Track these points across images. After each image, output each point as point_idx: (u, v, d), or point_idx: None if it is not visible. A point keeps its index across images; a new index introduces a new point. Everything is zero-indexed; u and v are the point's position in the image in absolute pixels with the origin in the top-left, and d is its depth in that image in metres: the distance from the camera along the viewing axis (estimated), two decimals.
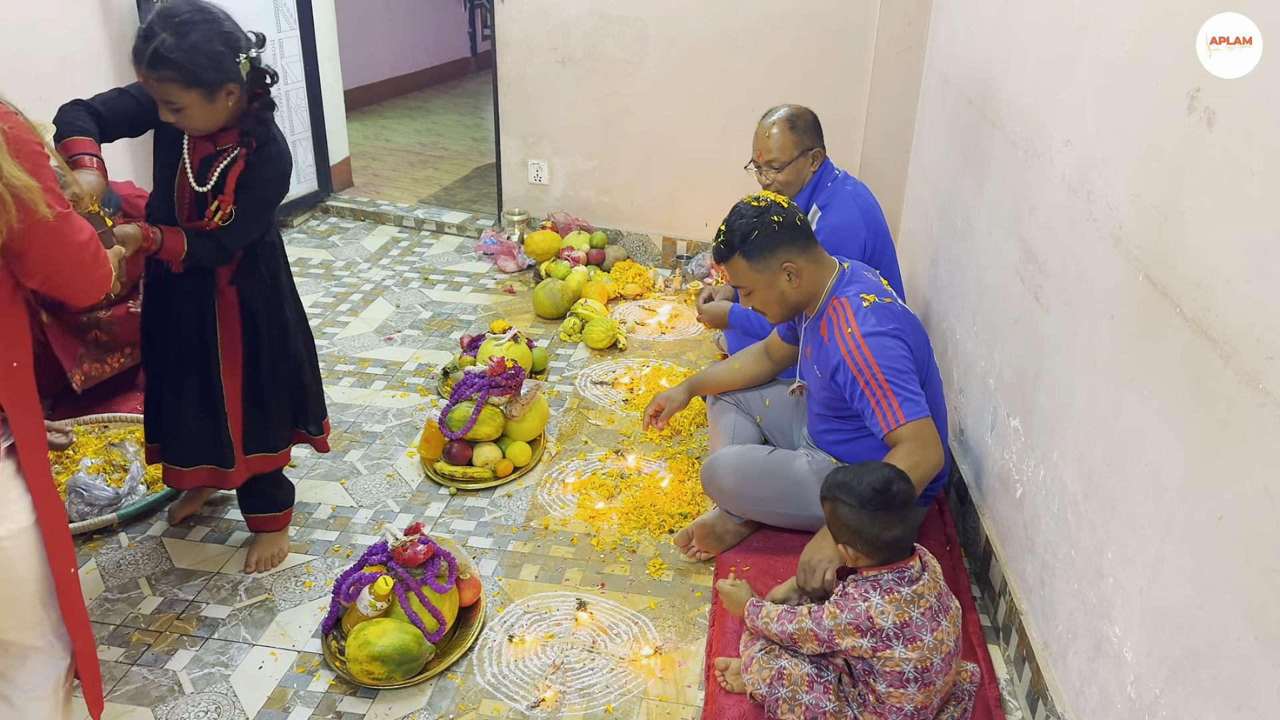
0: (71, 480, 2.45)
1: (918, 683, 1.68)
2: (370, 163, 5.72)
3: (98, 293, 1.47)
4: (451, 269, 4.28)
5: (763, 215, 2.10)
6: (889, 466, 1.78)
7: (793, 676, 1.78)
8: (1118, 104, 1.68)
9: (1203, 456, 1.33)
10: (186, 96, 1.84)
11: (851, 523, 1.70)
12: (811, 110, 2.82)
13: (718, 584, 2.01)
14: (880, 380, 1.99)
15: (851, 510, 1.70)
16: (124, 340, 2.93)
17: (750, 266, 2.11)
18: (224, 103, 1.89)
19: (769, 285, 2.13)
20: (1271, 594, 1.15)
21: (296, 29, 4.52)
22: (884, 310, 2.08)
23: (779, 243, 2.10)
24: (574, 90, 4.21)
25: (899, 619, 1.67)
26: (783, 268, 2.11)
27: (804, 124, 2.77)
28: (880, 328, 2.03)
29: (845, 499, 1.72)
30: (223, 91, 1.87)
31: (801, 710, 1.76)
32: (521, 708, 1.94)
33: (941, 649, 1.69)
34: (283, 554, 2.35)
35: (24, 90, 3.14)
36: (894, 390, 1.98)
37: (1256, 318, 1.20)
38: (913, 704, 1.70)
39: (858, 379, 2.01)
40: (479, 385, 2.74)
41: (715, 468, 2.31)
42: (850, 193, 2.74)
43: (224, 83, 1.86)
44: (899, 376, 1.99)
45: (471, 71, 8.53)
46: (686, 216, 4.30)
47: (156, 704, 1.93)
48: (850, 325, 2.05)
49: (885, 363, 2.00)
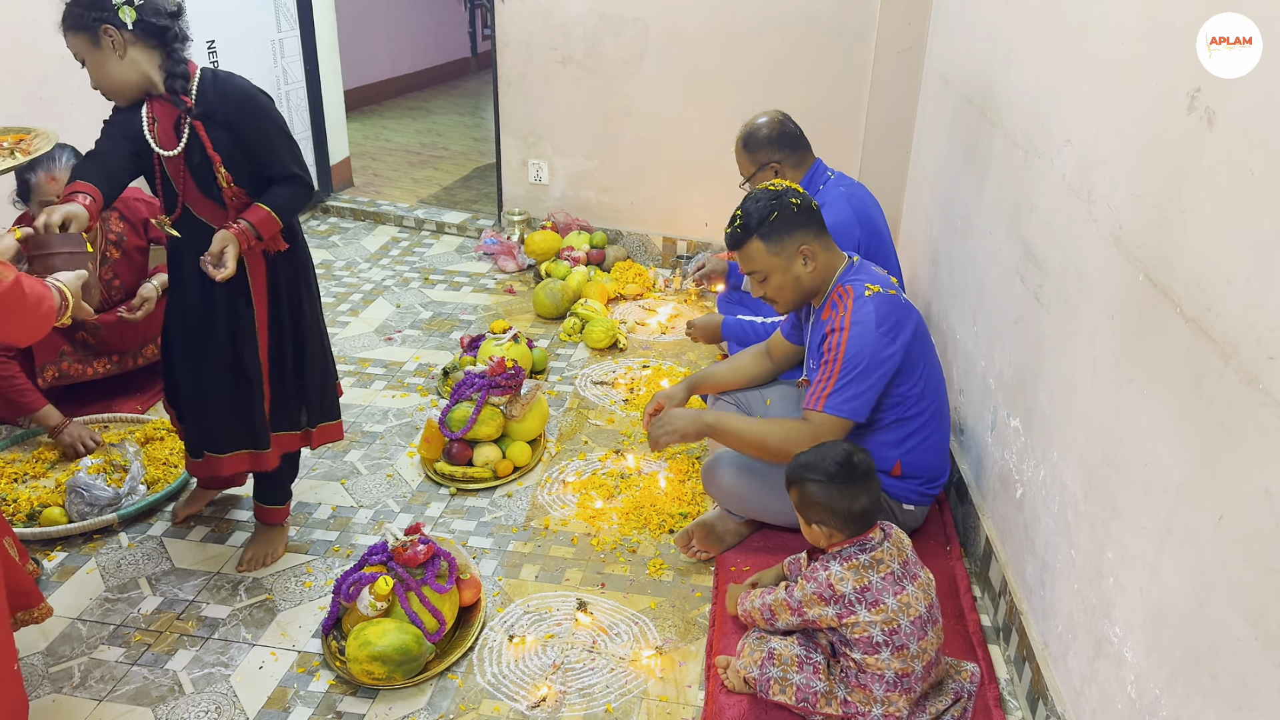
0: (71, 480, 2.45)
1: (889, 646, 1.73)
2: (370, 163, 5.72)
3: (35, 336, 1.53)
4: (451, 269, 4.28)
5: (780, 197, 2.13)
6: (845, 442, 1.88)
7: (783, 657, 1.84)
8: (1118, 104, 1.68)
9: (1203, 456, 1.33)
10: (77, 43, 1.90)
11: (822, 499, 1.77)
12: (782, 118, 2.81)
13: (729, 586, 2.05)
14: (836, 364, 2.07)
15: (820, 487, 1.77)
16: (111, 347, 2.91)
17: (768, 249, 2.12)
18: (111, 52, 1.90)
19: (785, 269, 2.14)
20: (1271, 594, 1.15)
21: (296, 29, 4.53)
22: (885, 302, 2.09)
23: (796, 225, 2.12)
24: (574, 90, 4.21)
25: (858, 584, 1.74)
26: (799, 250, 2.13)
27: (757, 140, 2.79)
28: (869, 322, 2.06)
29: (812, 476, 1.79)
30: (105, 37, 1.88)
31: (793, 691, 1.81)
32: (521, 708, 1.94)
33: (908, 612, 1.74)
34: (277, 554, 2.35)
35: (24, 90, 3.14)
36: (839, 379, 2.06)
37: (1256, 318, 1.20)
38: (891, 670, 1.73)
39: (825, 354, 2.09)
40: (479, 385, 2.74)
41: (715, 467, 2.31)
42: (844, 193, 2.75)
43: (99, 23, 1.87)
44: (853, 371, 2.05)
45: (471, 71, 8.53)
46: (686, 216, 4.30)
47: (156, 704, 1.93)
48: (848, 309, 2.09)
49: (851, 353, 2.06)
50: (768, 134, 2.78)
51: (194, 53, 2.05)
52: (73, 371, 2.85)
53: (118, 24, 1.88)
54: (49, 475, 2.65)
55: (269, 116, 2.03)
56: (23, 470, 2.64)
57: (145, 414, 2.98)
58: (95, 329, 2.85)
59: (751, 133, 2.80)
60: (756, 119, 2.83)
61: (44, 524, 2.40)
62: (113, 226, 2.90)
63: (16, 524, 2.40)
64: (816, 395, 2.09)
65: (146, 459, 2.67)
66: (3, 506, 2.46)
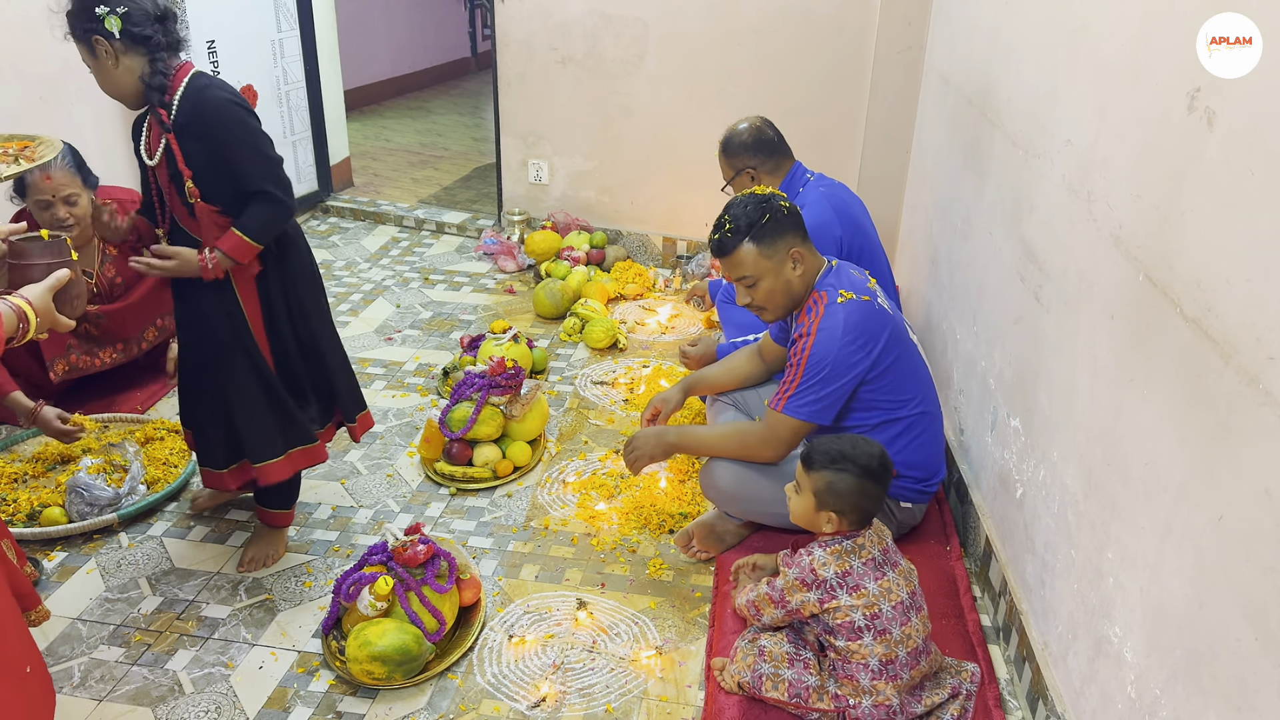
0: (71, 480, 2.45)
1: (871, 630, 1.74)
2: (370, 163, 5.72)
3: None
4: (451, 269, 4.28)
5: (770, 201, 2.15)
6: (867, 439, 1.87)
7: (773, 654, 1.86)
8: (1118, 104, 1.68)
9: (1203, 456, 1.33)
10: (80, 52, 1.94)
11: (852, 491, 1.78)
12: (760, 124, 2.83)
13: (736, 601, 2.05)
14: (800, 368, 2.11)
15: (853, 480, 1.78)
16: (115, 335, 2.93)
17: (760, 252, 2.12)
18: (105, 60, 1.92)
19: (776, 273, 2.14)
20: (1271, 594, 1.15)
21: (296, 29, 4.53)
22: (856, 309, 2.11)
23: (787, 228, 2.14)
24: (574, 90, 4.20)
25: (840, 569, 1.77)
26: (790, 254, 2.14)
27: (735, 145, 2.82)
28: (836, 329, 2.08)
29: (848, 468, 1.79)
30: (99, 46, 1.90)
31: (785, 686, 1.82)
32: (521, 708, 1.94)
33: (889, 597, 1.76)
34: (277, 556, 2.35)
35: (24, 90, 3.14)
36: (801, 382, 2.11)
37: (1256, 318, 1.20)
38: (876, 658, 1.74)
39: (792, 357, 2.13)
40: (479, 385, 2.74)
41: (714, 469, 2.31)
42: (824, 193, 2.76)
43: (89, 34, 1.89)
44: (815, 376, 2.09)
45: (471, 71, 8.53)
46: (686, 216, 4.30)
47: (156, 704, 1.93)
48: (819, 315, 2.12)
49: (815, 358, 2.09)
50: (745, 140, 2.81)
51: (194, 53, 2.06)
52: (81, 364, 2.87)
53: (105, 34, 1.89)
54: (49, 476, 2.65)
55: (242, 131, 1.98)
56: (23, 470, 2.64)
57: (145, 414, 2.98)
58: (98, 318, 2.85)
59: (730, 138, 2.84)
60: (737, 125, 2.86)
61: (44, 524, 2.40)
62: None
63: (16, 524, 2.40)
64: (779, 396, 2.15)
65: (146, 459, 2.67)
66: (3, 507, 2.46)
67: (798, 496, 1.86)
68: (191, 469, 2.66)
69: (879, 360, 2.12)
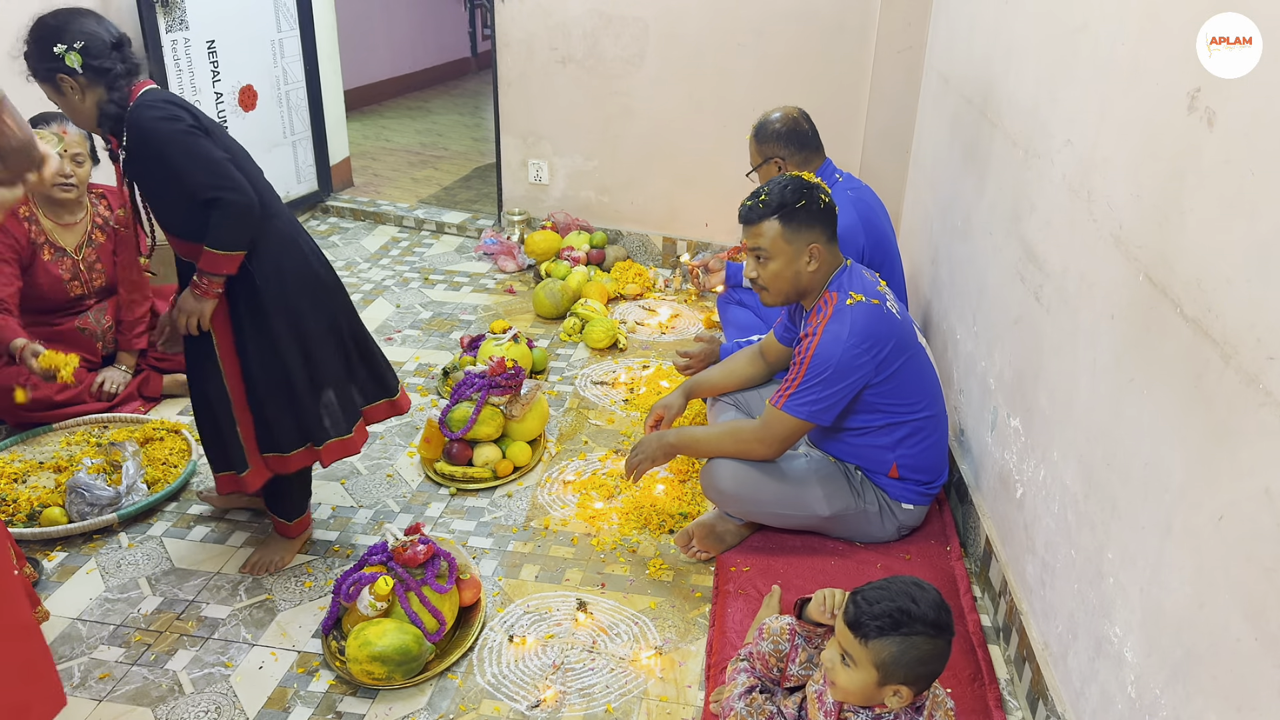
0: (71, 480, 2.45)
1: None
2: (370, 163, 5.72)
3: None
4: (451, 269, 4.28)
5: (813, 190, 2.15)
6: (918, 582, 1.53)
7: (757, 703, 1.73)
8: (1118, 104, 1.68)
9: (1203, 456, 1.33)
10: (46, 92, 1.97)
11: (928, 654, 1.47)
12: (797, 115, 2.81)
13: None
14: (803, 367, 2.11)
15: (927, 642, 1.47)
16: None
17: (783, 234, 2.13)
18: (72, 96, 1.95)
19: (790, 260, 2.15)
20: (1271, 594, 1.15)
21: (296, 29, 4.52)
22: (865, 313, 2.11)
23: (817, 221, 2.14)
24: (574, 90, 4.21)
25: None
26: (809, 247, 2.14)
27: (767, 132, 2.79)
28: (842, 331, 2.09)
29: (917, 629, 1.46)
30: (64, 83, 1.93)
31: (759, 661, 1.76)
32: (521, 708, 1.94)
33: None
34: (282, 563, 2.34)
35: (24, 90, 3.13)
36: (803, 381, 2.11)
37: (1257, 318, 1.20)
38: None
39: (796, 355, 2.14)
40: (479, 385, 2.74)
41: (714, 469, 2.30)
42: (852, 198, 2.72)
43: (53, 73, 1.92)
44: (817, 377, 2.10)
45: (471, 71, 8.53)
46: (686, 216, 4.30)
47: (156, 704, 1.93)
48: (826, 315, 2.12)
49: (818, 359, 2.10)
50: (777, 129, 2.78)
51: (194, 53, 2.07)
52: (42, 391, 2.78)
53: (68, 70, 1.90)
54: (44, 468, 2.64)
55: (176, 148, 1.93)
56: (23, 470, 2.64)
57: (145, 414, 2.98)
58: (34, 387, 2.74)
59: (764, 124, 2.80)
60: (772, 112, 2.82)
61: (44, 524, 2.40)
62: (100, 212, 2.97)
63: (16, 524, 2.40)
64: (779, 393, 2.16)
65: (146, 459, 2.67)
66: (3, 506, 2.46)
67: (847, 671, 1.51)
68: (191, 469, 2.66)
69: (884, 365, 2.12)
